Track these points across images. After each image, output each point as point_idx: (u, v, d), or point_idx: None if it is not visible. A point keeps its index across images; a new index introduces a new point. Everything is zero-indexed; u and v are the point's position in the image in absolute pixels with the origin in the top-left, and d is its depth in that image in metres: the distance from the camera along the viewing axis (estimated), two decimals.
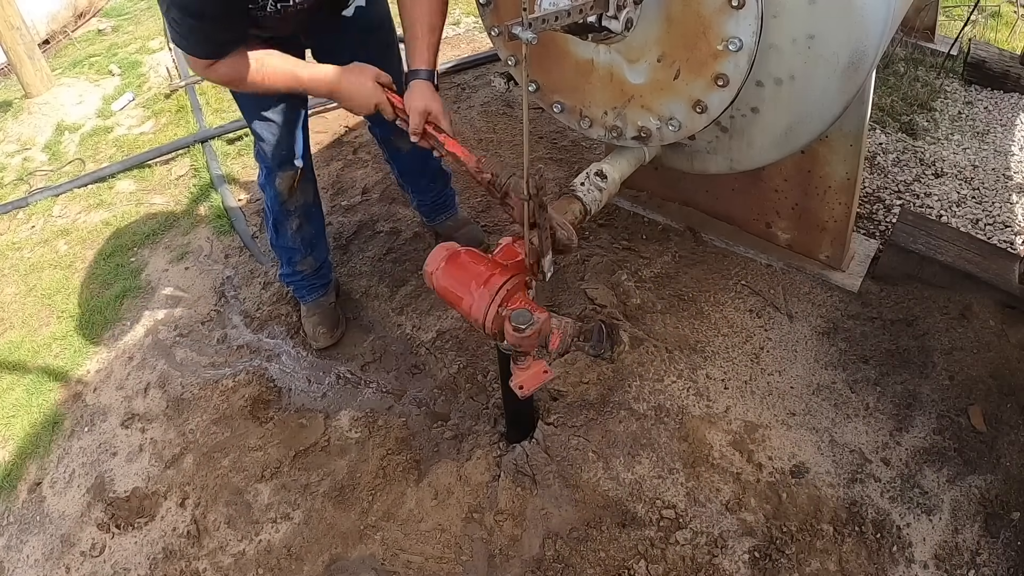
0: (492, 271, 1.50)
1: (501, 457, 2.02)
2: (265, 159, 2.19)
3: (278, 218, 2.32)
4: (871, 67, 1.61)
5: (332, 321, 2.47)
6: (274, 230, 2.37)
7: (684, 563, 1.79)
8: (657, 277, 2.47)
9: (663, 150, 1.98)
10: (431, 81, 1.80)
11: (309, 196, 2.34)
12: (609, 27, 1.59)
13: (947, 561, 1.76)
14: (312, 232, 2.40)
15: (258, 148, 2.20)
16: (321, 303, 2.49)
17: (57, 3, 5.49)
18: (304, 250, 2.40)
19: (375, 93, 1.81)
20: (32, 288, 3.03)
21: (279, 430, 2.24)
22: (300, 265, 2.42)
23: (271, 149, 2.16)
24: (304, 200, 2.31)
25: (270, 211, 2.33)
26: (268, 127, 2.11)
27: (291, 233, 2.34)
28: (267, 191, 2.28)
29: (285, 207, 2.28)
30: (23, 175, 3.79)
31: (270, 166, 2.20)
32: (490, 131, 3.37)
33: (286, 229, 2.34)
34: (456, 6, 4.69)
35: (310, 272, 2.45)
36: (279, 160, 2.18)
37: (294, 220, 2.32)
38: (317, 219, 2.42)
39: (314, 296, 2.49)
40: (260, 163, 2.25)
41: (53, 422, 2.45)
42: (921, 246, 2.32)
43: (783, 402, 2.10)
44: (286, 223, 2.32)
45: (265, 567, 1.93)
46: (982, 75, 3.45)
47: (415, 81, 1.79)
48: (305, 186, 2.29)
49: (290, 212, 2.30)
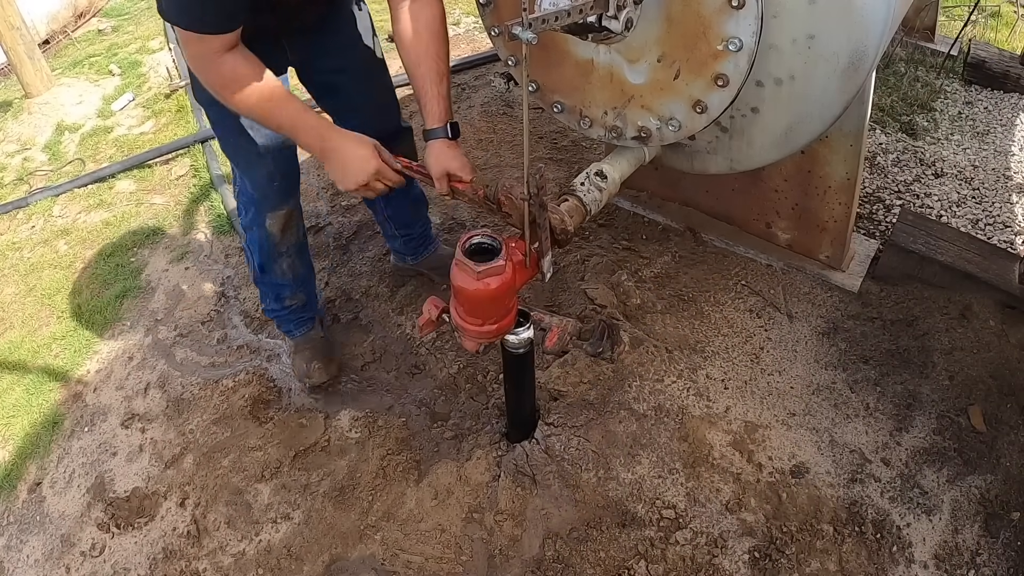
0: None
1: (501, 457, 2.02)
2: (253, 200, 1.99)
3: (266, 260, 2.13)
4: (871, 67, 1.61)
5: (326, 354, 2.30)
6: (259, 270, 2.18)
7: (684, 563, 1.79)
8: (657, 277, 2.47)
9: (663, 150, 1.98)
10: (447, 136, 1.71)
11: (300, 232, 2.16)
12: (609, 27, 1.59)
13: (947, 561, 1.76)
14: (303, 268, 2.24)
15: (244, 188, 2.00)
16: (311, 337, 2.33)
17: (57, 3, 5.50)
18: (294, 285, 2.23)
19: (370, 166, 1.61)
20: (32, 288, 3.03)
21: (279, 430, 2.24)
22: (289, 300, 2.26)
23: (264, 189, 1.96)
24: (296, 239, 2.13)
25: (256, 253, 2.12)
26: (263, 163, 1.91)
27: (280, 271, 2.17)
28: (253, 233, 2.08)
29: (276, 249, 2.10)
30: (23, 175, 3.79)
31: (260, 207, 2.00)
32: (490, 131, 3.37)
33: (273, 269, 2.16)
34: (456, 6, 4.70)
35: (299, 306, 2.29)
36: (273, 202, 2.00)
37: (285, 260, 2.14)
38: (306, 254, 2.25)
39: (303, 330, 2.32)
40: (245, 204, 2.04)
41: (53, 422, 2.45)
42: (921, 246, 2.32)
43: (783, 402, 2.10)
44: (275, 265, 2.14)
45: (265, 567, 1.93)
46: (982, 75, 3.45)
47: (431, 142, 1.71)
48: (297, 223, 2.11)
49: (282, 253, 2.12)
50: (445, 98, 1.73)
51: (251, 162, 1.93)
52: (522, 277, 1.52)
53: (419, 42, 1.70)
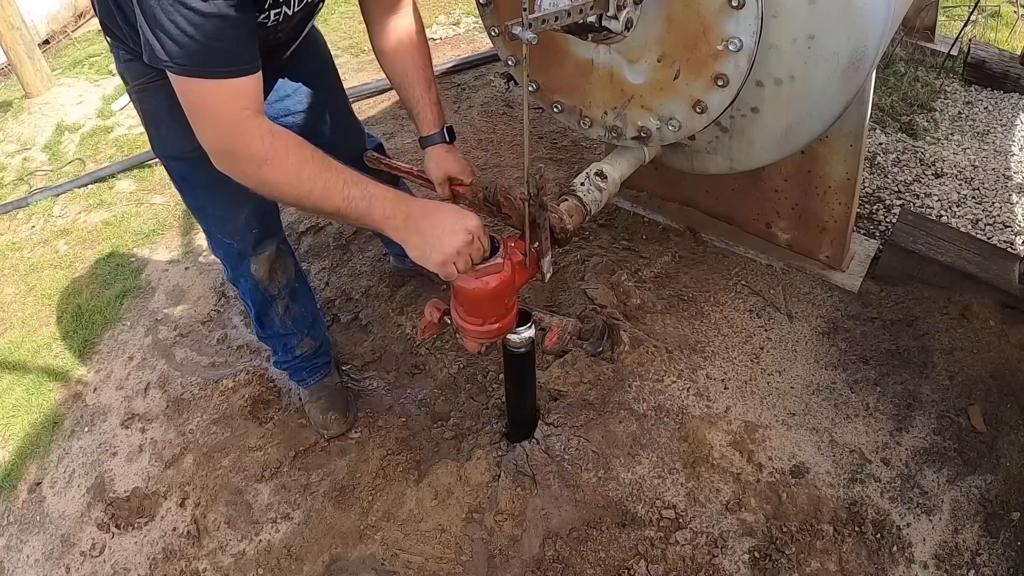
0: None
1: (501, 457, 2.02)
2: (233, 251, 1.83)
3: (261, 309, 1.99)
4: (871, 67, 1.61)
5: (343, 403, 2.18)
6: (259, 324, 2.05)
7: (684, 563, 1.79)
8: (657, 277, 2.47)
9: (663, 150, 1.98)
10: (444, 141, 1.71)
11: (291, 270, 1.99)
12: (609, 27, 1.59)
13: (947, 561, 1.76)
14: (303, 309, 2.08)
15: (219, 242, 1.83)
16: (326, 384, 2.20)
17: (57, 3, 5.50)
18: (300, 332, 2.09)
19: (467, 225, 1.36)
20: (32, 288, 3.03)
21: (279, 430, 2.24)
22: (299, 348, 2.12)
23: (243, 238, 1.80)
24: (286, 278, 1.97)
25: (251, 304, 1.99)
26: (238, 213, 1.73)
27: (279, 319, 2.03)
28: (242, 284, 1.93)
29: (267, 293, 1.95)
30: (23, 175, 3.79)
31: (243, 255, 1.85)
32: (490, 131, 3.37)
33: (272, 317, 2.03)
34: (456, 6, 4.70)
35: (311, 353, 2.16)
36: (254, 243, 1.83)
37: (279, 304, 2.00)
38: (304, 292, 2.09)
39: (317, 377, 2.20)
40: (226, 258, 1.88)
41: (53, 422, 2.45)
42: (921, 246, 2.32)
43: (783, 402, 2.10)
44: (271, 311, 2.01)
45: (265, 567, 1.93)
46: (982, 75, 3.45)
47: (430, 148, 1.71)
48: (285, 260, 1.95)
49: (274, 297, 1.97)
50: (437, 104, 1.73)
51: (225, 215, 1.76)
52: (522, 277, 1.52)
53: (404, 54, 1.71)
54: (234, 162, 1.24)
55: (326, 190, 1.26)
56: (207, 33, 1.14)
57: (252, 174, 1.24)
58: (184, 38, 1.14)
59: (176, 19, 1.13)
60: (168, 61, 1.17)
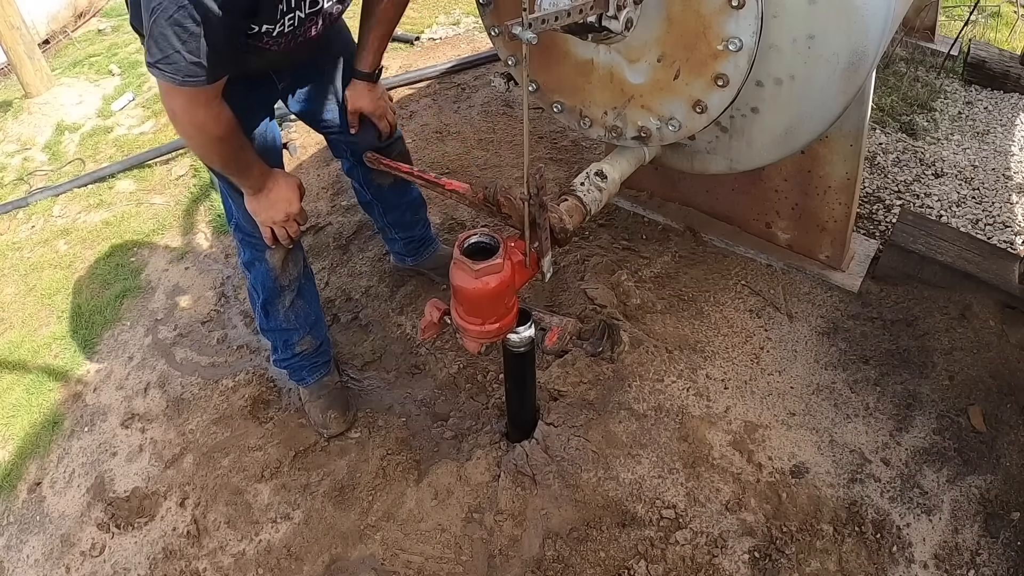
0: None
1: (501, 457, 2.02)
2: (252, 235, 1.93)
3: (269, 297, 2.06)
4: (871, 67, 1.61)
5: (343, 403, 2.20)
6: (264, 313, 2.10)
7: (684, 563, 1.79)
8: (657, 277, 2.47)
9: (663, 150, 1.98)
10: (370, 80, 1.92)
11: (300, 265, 2.08)
12: (609, 27, 1.59)
13: (947, 561, 1.76)
14: (307, 307, 2.14)
15: (240, 223, 1.95)
16: (326, 383, 2.23)
17: (57, 3, 5.49)
18: (302, 329, 2.14)
19: (293, 205, 1.78)
20: (32, 288, 3.03)
21: (279, 430, 2.24)
22: (299, 346, 2.16)
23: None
24: (296, 272, 2.06)
25: (260, 291, 2.06)
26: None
27: (284, 312, 2.09)
28: (254, 269, 2.02)
29: (278, 283, 2.03)
30: (23, 175, 3.79)
31: (260, 242, 1.93)
32: (490, 131, 3.37)
33: (278, 309, 2.08)
34: (456, 6, 4.70)
35: (310, 351, 2.19)
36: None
37: (287, 296, 2.07)
38: (310, 291, 2.16)
39: (317, 376, 2.22)
40: (243, 241, 2.00)
41: (53, 422, 2.45)
42: (921, 246, 2.32)
43: (783, 402, 2.10)
44: (277, 302, 2.07)
45: (265, 567, 1.93)
46: (982, 75, 3.45)
47: (354, 82, 1.92)
48: (296, 255, 2.04)
49: (283, 288, 2.05)
50: (380, 53, 1.94)
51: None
52: (522, 277, 1.52)
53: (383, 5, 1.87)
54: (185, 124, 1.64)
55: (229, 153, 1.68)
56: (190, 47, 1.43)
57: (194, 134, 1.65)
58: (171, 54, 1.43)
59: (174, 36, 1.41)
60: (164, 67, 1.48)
